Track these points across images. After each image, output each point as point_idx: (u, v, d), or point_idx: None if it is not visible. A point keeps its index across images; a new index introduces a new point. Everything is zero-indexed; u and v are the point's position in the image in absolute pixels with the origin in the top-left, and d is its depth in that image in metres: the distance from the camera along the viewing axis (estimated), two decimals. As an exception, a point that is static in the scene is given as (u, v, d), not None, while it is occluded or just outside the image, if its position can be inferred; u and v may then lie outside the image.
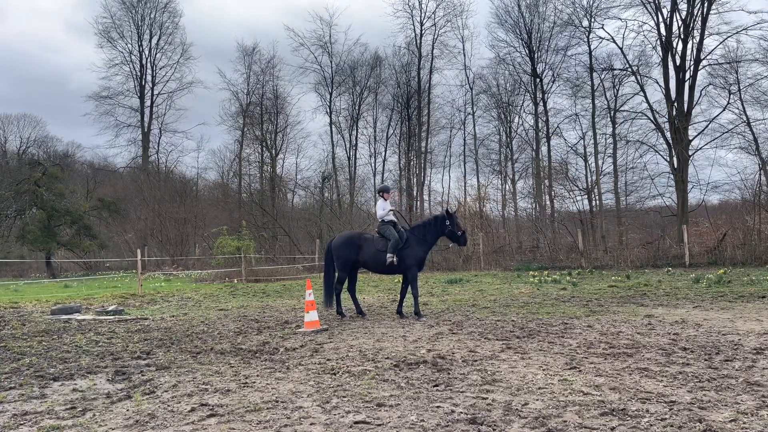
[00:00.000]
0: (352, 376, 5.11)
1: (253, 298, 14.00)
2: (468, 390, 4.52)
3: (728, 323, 7.72)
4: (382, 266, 9.51)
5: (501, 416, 3.79)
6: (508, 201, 36.19)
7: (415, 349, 6.39)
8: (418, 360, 5.72)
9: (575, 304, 10.68)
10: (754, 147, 28.59)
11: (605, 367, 5.22)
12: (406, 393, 4.48)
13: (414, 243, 9.45)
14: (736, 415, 3.65)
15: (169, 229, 34.52)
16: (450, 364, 5.53)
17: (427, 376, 5.06)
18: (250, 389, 4.75)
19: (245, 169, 42.11)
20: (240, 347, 6.82)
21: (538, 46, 34.63)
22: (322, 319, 9.10)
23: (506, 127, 36.82)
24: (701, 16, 28.40)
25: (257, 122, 41.28)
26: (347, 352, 6.28)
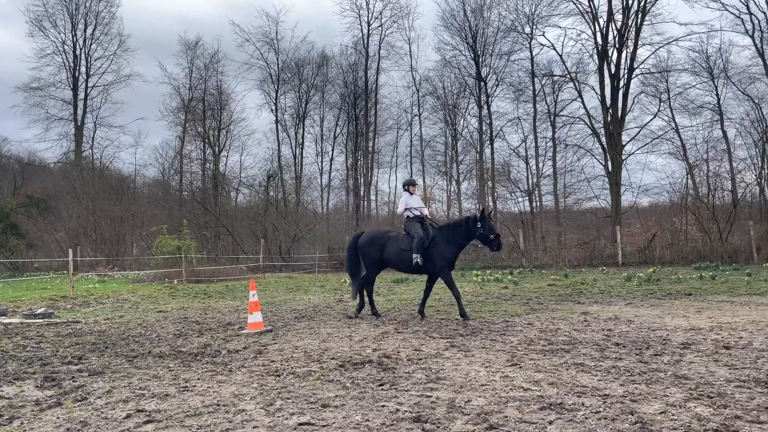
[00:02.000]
0: (297, 378, 5.05)
1: (194, 299, 13.60)
2: (413, 388, 4.56)
3: (657, 319, 8.15)
4: (407, 266, 9.05)
5: (445, 414, 3.84)
6: (453, 201, 36.83)
7: (360, 348, 6.38)
8: (363, 360, 5.72)
9: (516, 302, 10.98)
10: (682, 152, 30.33)
11: (544, 363, 5.39)
12: (352, 393, 4.47)
13: (442, 242, 8.87)
14: (665, 407, 3.85)
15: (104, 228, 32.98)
16: (395, 363, 5.56)
17: (373, 375, 5.07)
18: (191, 393, 4.61)
19: (187, 166, 40.86)
20: (180, 350, 6.61)
21: (483, 51, 35.42)
22: (277, 318, 8.95)
23: (452, 129, 37.44)
24: (635, 26, 29.87)
25: (200, 118, 40.12)
26: (292, 353, 6.20)
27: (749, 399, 3.97)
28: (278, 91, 39.62)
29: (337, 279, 19.76)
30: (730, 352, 5.65)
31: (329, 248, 30.74)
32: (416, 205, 9.29)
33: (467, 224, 8.90)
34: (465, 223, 8.95)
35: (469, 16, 35.63)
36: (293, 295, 13.92)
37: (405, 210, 9.25)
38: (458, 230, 8.93)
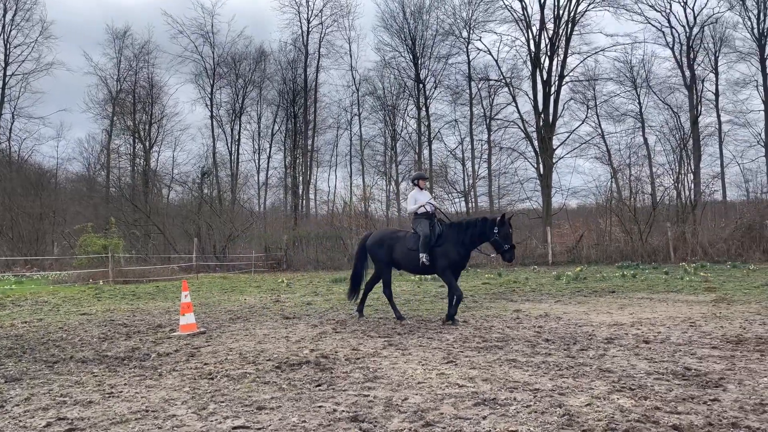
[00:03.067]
0: (232, 380, 4.92)
1: (121, 300, 12.99)
2: (350, 388, 4.55)
3: (584, 316, 8.54)
4: (415, 266, 8.46)
5: (382, 412, 3.86)
6: (392, 201, 37.12)
7: (297, 349, 6.31)
8: (300, 360, 5.65)
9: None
10: (607, 157, 32.00)
11: (479, 360, 5.52)
12: (288, 394, 4.40)
13: (450, 241, 8.19)
14: (590, 399, 4.04)
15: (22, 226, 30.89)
16: (333, 363, 5.53)
17: (310, 376, 5.02)
18: (116, 399, 4.39)
19: (114, 161, 38.98)
20: (105, 354, 6.28)
21: (422, 53, 35.92)
22: (211, 320, 8.67)
23: (391, 130, 37.73)
24: (566, 36, 31.21)
25: (129, 111, 38.38)
26: (226, 356, 6.04)
27: (668, 391, 4.23)
28: (214, 86, 38.57)
29: (274, 279, 19.46)
30: (649, 346, 6.00)
31: (266, 248, 30.21)
32: (425, 200, 8.66)
33: (483, 226, 8.09)
34: (481, 225, 8.14)
35: (408, 18, 36.06)
36: (228, 296, 13.57)
37: (418, 207, 8.57)
38: (471, 230, 8.16)
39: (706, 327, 7.16)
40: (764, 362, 5.10)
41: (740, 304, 9.54)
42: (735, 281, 13.85)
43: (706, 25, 31.90)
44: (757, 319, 7.74)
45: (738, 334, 6.61)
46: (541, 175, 31.27)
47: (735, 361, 5.15)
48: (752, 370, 4.77)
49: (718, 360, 5.24)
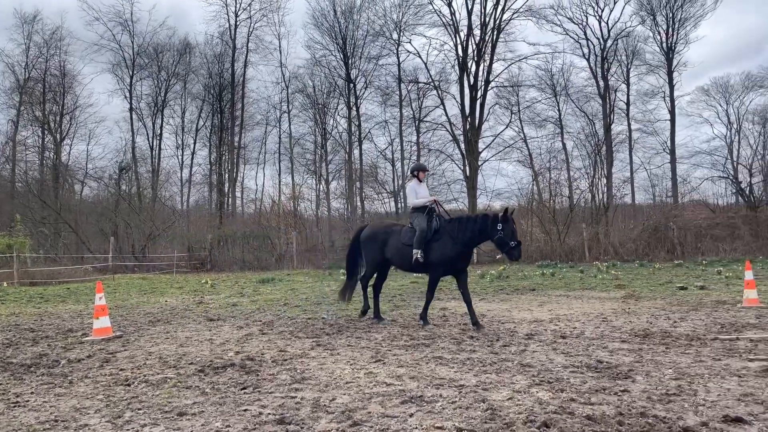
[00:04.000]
0: (150, 386, 4.70)
1: (27, 304, 12.08)
2: (277, 390, 4.47)
3: (506, 313, 8.86)
4: (408, 263, 7.83)
5: (309, 414, 3.82)
6: (322, 201, 36.89)
7: (222, 352, 6.12)
8: (225, 363, 5.49)
9: (381, 300, 11.23)
10: (529, 161, 33.42)
11: (406, 357, 5.59)
12: (212, 399, 4.26)
13: (446, 237, 7.62)
14: (512, 393, 4.19)
15: None
16: (259, 365, 5.41)
17: (235, 379, 4.88)
18: (23, 409, 4.07)
19: (21, 154, 36.21)
20: (9, 361, 5.81)
21: (353, 52, 35.93)
22: (128, 323, 8.21)
23: (321, 129, 37.48)
24: (491, 42, 32.25)
25: (38, 101, 35.79)
26: (145, 360, 5.76)
27: (582, 383, 4.46)
28: (133, 77, 36.75)
29: (198, 280, 18.80)
30: (566, 341, 6.32)
31: (189, 247, 29.11)
32: (426, 193, 8.16)
33: (484, 223, 7.50)
34: (481, 221, 7.55)
35: (339, 17, 35.96)
36: (148, 298, 12.96)
37: (425, 201, 7.95)
38: (471, 227, 7.57)
39: (617, 322, 7.63)
40: (669, 354, 5.50)
41: (647, 300, 10.24)
42: (642, 279, 14.86)
43: (619, 38, 34.04)
44: (662, 314, 8.34)
45: (645, 328, 7.09)
46: (467, 176, 32.16)
47: (643, 354, 5.52)
48: (658, 362, 5.13)
49: (627, 353, 5.59)
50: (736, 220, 25.67)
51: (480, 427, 3.47)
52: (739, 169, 31.61)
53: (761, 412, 3.59)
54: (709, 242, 24.66)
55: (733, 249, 23.54)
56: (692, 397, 3.98)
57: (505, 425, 3.48)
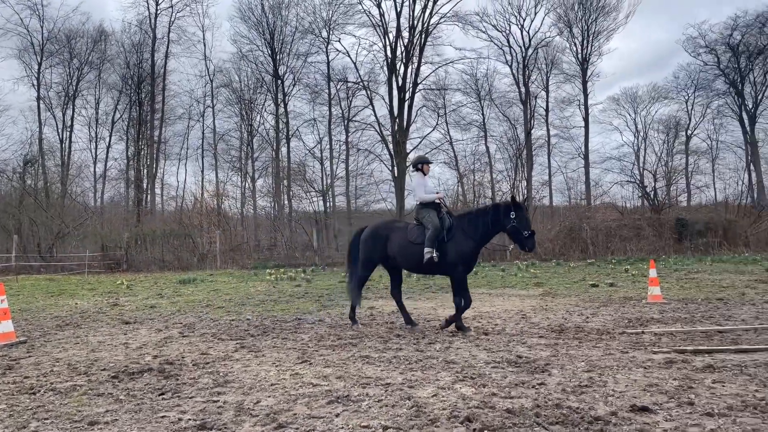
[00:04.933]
0: (58, 394, 4.39)
1: None
2: (198, 395, 4.31)
3: (432, 311, 9.03)
4: (416, 263, 7.24)
5: (232, 418, 3.71)
6: (248, 199, 36.02)
7: (138, 356, 5.82)
8: (141, 368, 5.22)
9: (309, 299, 11.17)
10: (455, 163, 34.30)
11: (333, 357, 5.57)
12: (126, 406, 4.04)
13: (460, 235, 7.16)
14: (436, 390, 4.27)
15: None
16: (179, 369, 5.20)
17: (152, 384, 4.65)
18: None
19: None
20: None
21: (281, 48, 35.35)
22: (33, 328, 7.60)
23: (247, 125, 36.59)
24: (419, 45, 32.80)
25: (-70, 86, 32.57)
26: (52, 367, 5.37)
27: (503, 378, 4.62)
28: (42, 64, 34.21)
29: (112, 281, 17.80)
30: (488, 338, 6.53)
31: (103, 246, 27.50)
32: (432, 188, 7.69)
33: (496, 213, 7.11)
34: (493, 212, 7.15)
35: (267, 12, 35.28)
36: (56, 300, 12.12)
37: (436, 197, 7.44)
38: (483, 220, 7.16)
39: (535, 318, 7.98)
40: (582, 348, 5.81)
41: (562, 297, 10.78)
42: (558, 277, 15.65)
43: (539, 48, 35.69)
44: (575, 310, 8.81)
45: (560, 324, 7.46)
46: (395, 177, 32.52)
47: (558, 348, 5.80)
48: (572, 356, 5.42)
49: (544, 348, 5.86)
50: (642, 221, 27.57)
51: (405, 424, 3.51)
52: (644, 175, 34.03)
53: (665, 401, 3.87)
54: (617, 242, 26.36)
55: (639, 248, 25.30)
56: (602, 388, 4.23)
57: (430, 421, 3.54)
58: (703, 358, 5.12)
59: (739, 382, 4.29)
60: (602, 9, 35.70)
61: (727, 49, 35.81)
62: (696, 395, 3.96)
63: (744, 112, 36.12)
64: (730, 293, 10.55)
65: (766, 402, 3.73)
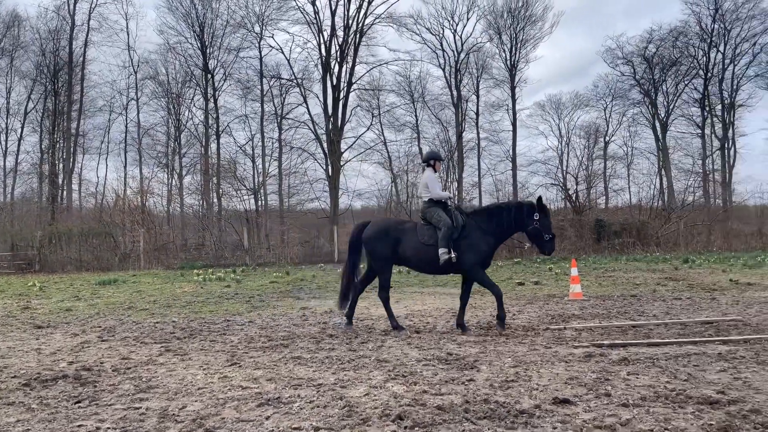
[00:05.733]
0: (-41, 407, 4.03)
1: None
2: (118, 402, 4.09)
3: (365, 311, 9.05)
4: (430, 264, 6.98)
5: (155, 425, 3.55)
6: (174, 196, 34.64)
7: (52, 363, 5.46)
8: (56, 375, 4.90)
9: (238, 300, 10.89)
10: (388, 163, 34.56)
11: (264, 359, 5.46)
12: (39, 415, 3.77)
13: (477, 232, 6.96)
14: (369, 389, 4.28)
15: None
16: (97, 375, 4.92)
17: (68, 392, 4.38)
18: None
19: None
20: None
21: (211, 42, 34.24)
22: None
23: (175, 119, 35.19)
24: (354, 45, 32.78)
25: None
26: (-48, 377, 4.94)
27: (434, 375, 4.70)
28: (-56, 47, 31.38)
29: (23, 282, 16.59)
30: (420, 336, 6.62)
31: (13, 245, 25.55)
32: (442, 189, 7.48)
33: (518, 212, 7.01)
34: (515, 211, 7.03)
35: (196, 3, 34.03)
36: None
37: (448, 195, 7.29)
38: (502, 218, 7.02)
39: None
40: (508, 344, 6.01)
41: (490, 295, 11.08)
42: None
43: (471, 52, 36.62)
44: (503, 307, 9.10)
45: (489, 321, 7.69)
46: (329, 176, 32.34)
47: (486, 345, 5.98)
48: (500, 352, 5.59)
49: (473, 345, 6.01)
50: (564, 222, 28.90)
51: (337, 424, 3.49)
52: (567, 178, 35.75)
53: (584, 393, 4.07)
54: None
55: (561, 248, 26.49)
56: (528, 382, 4.40)
57: (362, 421, 3.55)
58: (618, 352, 5.43)
59: (651, 374, 4.58)
60: (529, 18, 37.14)
61: (643, 60, 38.21)
62: (612, 387, 4.19)
63: (657, 120, 38.68)
64: (643, 290, 11.27)
65: (677, 392, 4.01)
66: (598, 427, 3.35)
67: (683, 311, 8.31)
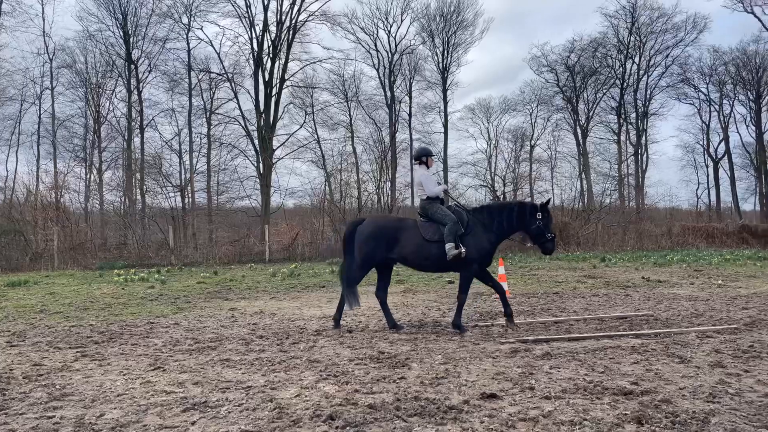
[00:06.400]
0: None
1: None
2: (29, 411, 3.82)
3: (297, 311, 8.94)
4: (433, 262, 6.86)
5: (71, 435, 3.34)
6: (93, 192, 32.73)
7: (-49, 372, 5.01)
8: (-45, 386, 4.50)
9: (163, 302, 10.46)
10: (322, 162, 34.33)
11: (190, 362, 5.27)
12: (-66, 431, 3.45)
13: (480, 228, 6.90)
14: (300, 390, 4.23)
15: None
16: (6, 383, 4.57)
17: (-31, 403, 4.03)
18: None
19: None
20: None
21: (135, 31, 32.66)
22: None
23: (94, 111, 33.26)
24: (287, 41, 32.32)
25: None
26: None
27: (365, 374, 4.71)
28: None
29: None
30: (352, 335, 6.62)
31: None
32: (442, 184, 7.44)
33: (521, 211, 7.02)
34: (518, 210, 7.05)
35: (120, -11, 32.33)
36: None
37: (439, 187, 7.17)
38: (505, 216, 7.00)
39: (397, 314, 8.25)
40: (439, 342, 6.13)
41: (422, 293, 11.29)
42: (419, 275, 16.34)
43: (404, 54, 37.08)
44: (434, 306, 9.27)
45: (420, 319, 7.81)
46: (261, 174, 31.69)
47: (418, 343, 6.06)
48: (430, 350, 5.69)
49: (405, 343, 6.08)
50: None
51: (267, 427, 3.43)
52: (495, 179, 36.97)
53: (510, 387, 4.22)
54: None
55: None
56: (457, 378, 4.50)
57: (293, 422, 3.50)
58: (542, 347, 5.67)
59: (571, 368, 4.82)
60: (461, 23, 38.11)
61: (565, 69, 40.17)
62: (536, 381, 4.37)
63: (578, 126, 40.77)
64: (564, 287, 11.83)
65: (594, 384, 4.23)
66: (523, 419, 3.48)
67: (600, 307, 8.80)
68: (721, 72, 40.69)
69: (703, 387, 4.12)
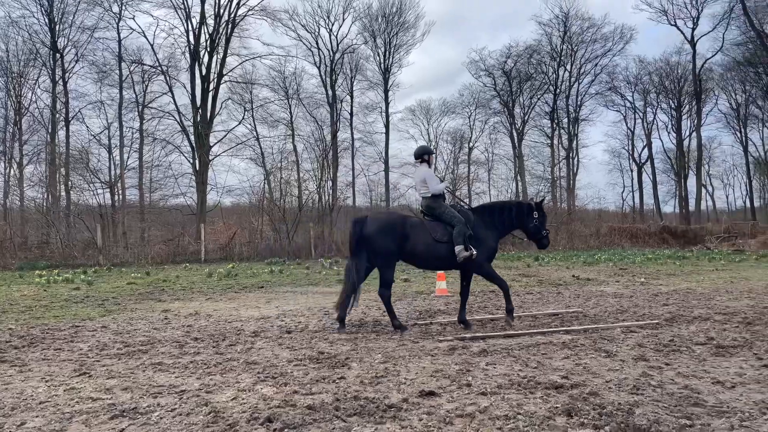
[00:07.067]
0: None
1: None
2: (-65, 425, 3.52)
3: (234, 312, 8.73)
4: (444, 261, 6.93)
5: (-16, 448, 3.11)
6: (13, 188, 30.62)
7: None
8: None
9: (89, 304, 9.94)
10: (261, 159, 33.69)
11: (119, 367, 5.03)
12: None
13: (483, 228, 7.06)
14: (236, 393, 4.13)
15: None
16: None
17: None
18: None
19: None
20: None
21: (61, 18, 30.86)
22: None
23: (15, 102, 31.15)
24: (225, 35, 31.53)
25: None
26: None
27: (305, 374, 4.66)
28: None
29: None
30: (291, 336, 6.53)
31: None
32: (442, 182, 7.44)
33: (520, 210, 7.35)
34: (517, 209, 7.37)
35: (44, -27, 30.44)
36: None
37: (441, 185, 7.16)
38: (505, 215, 7.30)
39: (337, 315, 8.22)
40: (379, 341, 6.15)
41: (363, 293, 11.27)
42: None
43: (346, 53, 37.00)
44: (374, 305, 9.30)
45: (360, 318, 7.82)
46: (197, 171, 30.73)
47: (358, 342, 6.06)
48: (370, 349, 5.70)
49: (345, 342, 6.07)
50: (433, 222, 30.36)
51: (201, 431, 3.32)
52: (435, 180, 37.57)
53: (448, 384, 4.29)
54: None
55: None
56: (396, 377, 4.53)
57: (229, 426, 3.41)
58: (479, 344, 5.81)
59: (506, 364, 4.96)
60: (402, 25, 38.47)
61: (502, 74, 41.38)
62: (473, 377, 4.47)
63: (514, 129, 42.10)
64: (500, 286, 12.17)
65: (528, 379, 4.37)
66: (460, 416, 3.55)
67: (534, 305, 9.12)
68: (646, 81, 43.26)
69: (628, 380, 4.35)
